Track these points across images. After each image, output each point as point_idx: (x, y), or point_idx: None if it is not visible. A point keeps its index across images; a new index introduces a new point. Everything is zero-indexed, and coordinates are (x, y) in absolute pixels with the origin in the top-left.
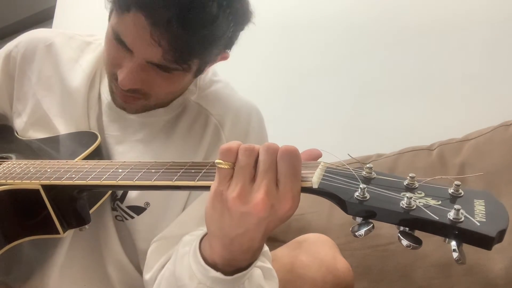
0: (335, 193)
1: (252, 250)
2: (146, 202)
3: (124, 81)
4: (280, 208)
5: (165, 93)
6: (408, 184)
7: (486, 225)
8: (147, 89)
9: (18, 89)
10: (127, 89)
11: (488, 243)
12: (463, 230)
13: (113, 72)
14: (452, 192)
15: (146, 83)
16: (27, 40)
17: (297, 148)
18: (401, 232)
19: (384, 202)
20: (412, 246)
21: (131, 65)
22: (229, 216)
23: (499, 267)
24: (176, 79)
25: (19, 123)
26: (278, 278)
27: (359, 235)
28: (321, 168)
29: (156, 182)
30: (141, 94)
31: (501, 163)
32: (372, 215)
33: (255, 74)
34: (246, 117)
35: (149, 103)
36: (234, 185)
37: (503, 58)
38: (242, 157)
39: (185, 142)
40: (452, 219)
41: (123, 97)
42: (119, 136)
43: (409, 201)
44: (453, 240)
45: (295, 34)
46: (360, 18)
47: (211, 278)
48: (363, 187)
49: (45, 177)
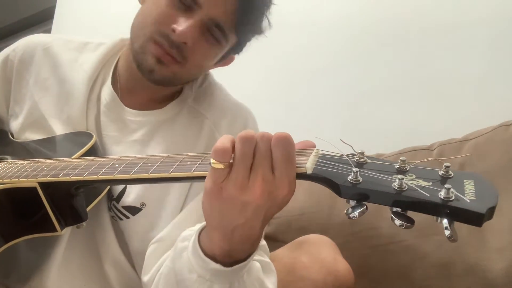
0: (329, 177)
1: (251, 239)
2: (142, 202)
3: (185, 32)
4: (278, 194)
5: (198, 65)
6: (400, 167)
7: (476, 202)
8: (191, 51)
9: (16, 92)
10: (176, 45)
11: (479, 220)
12: (454, 208)
13: (161, 29)
14: (442, 173)
15: (196, 43)
16: (25, 44)
17: (290, 134)
18: (394, 212)
19: (376, 184)
20: (405, 225)
21: (192, 19)
22: (229, 207)
23: (499, 267)
24: (216, 52)
25: (15, 125)
26: (278, 279)
27: (353, 216)
28: (314, 155)
29: (152, 175)
30: (181, 56)
31: (501, 163)
32: (366, 197)
33: (255, 74)
34: (242, 121)
35: (179, 73)
36: (235, 176)
37: (503, 58)
38: (242, 147)
39: (181, 144)
40: (443, 198)
41: (164, 55)
42: (116, 137)
43: (401, 182)
44: (444, 219)
45: (295, 34)
46: (360, 18)
47: (210, 270)
48: (356, 171)
49: (42, 175)
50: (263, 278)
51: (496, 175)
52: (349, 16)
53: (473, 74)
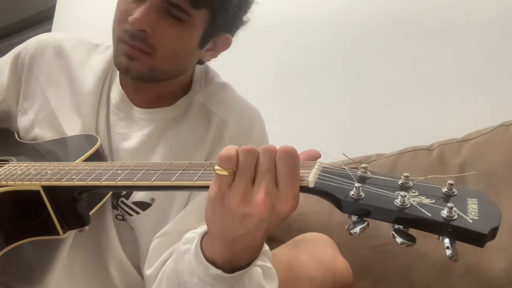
0: (330, 192)
1: (253, 249)
2: (151, 198)
3: (136, 19)
4: (281, 208)
5: (170, 50)
6: (403, 183)
7: (479, 222)
8: (155, 38)
9: (25, 87)
10: (135, 36)
11: (481, 240)
12: (456, 227)
13: (123, 27)
14: (446, 191)
15: (156, 28)
16: (37, 41)
17: (295, 148)
18: (396, 230)
19: (378, 201)
20: (406, 243)
21: (143, 7)
22: (231, 218)
23: (499, 267)
24: (184, 33)
25: (24, 121)
26: (277, 277)
27: (354, 233)
28: (317, 168)
29: (155, 183)
30: (148, 47)
31: (501, 163)
32: (367, 214)
33: (255, 74)
34: (250, 121)
35: (154, 65)
36: (236, 188)
37: (503, 58)
38: (243, 159)
39: (189, 140)
40: (446, 216)
41: (130, 50)
42: (125, 133)
43: (403, 200)
44: (446, 238)
45: (295, 34)
46: (360, 18)
47: (211, 275)
48: (358, 186)
49: (46, 179)
50: (264, 283)
51: (496, 175)
52: (349, 16)
53: (473, 74)
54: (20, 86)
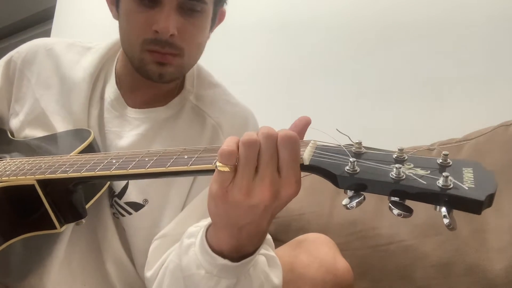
0: (326, 168)
1: (259, 235)
2: (144, 199)
3: (166, 26)
4: (285, 193)
5: (195, 45)
6: (397, 157)
7: (475, 190)
8: (181, 38)
9: (17, 90)
10: (169, 37)
11: (478, 207)
12: (453, 195)
13: (146, 37)
14: (441, 162)
15: (181, 29)
16: (28, 46)
17: (296, 134)
18: (392, 202)
19: (374, 174)
20: (403, 214)
21: (165, 13)
22: (236, 210)
23: (499, 267)
24: (203, 23)
25: (15, 122)
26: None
27: (351, 206)
28: (311, 146)
29: (150, 170)
30: (177, 49)
31: (501, 163)
32: (363, 187)
33: (255, 74)
34: (243, 121)
35: (184, 63)
36: (240, 182)
37: (503, 58)
38: (246, 152)
39: (184, 140)
40: (441, 186)
41: (162, 57)
42: (119, 132)
43: (399, 172)
44: (443, 207)
45: (295, 34)
46: (360, 18)
47: (218, 266)
48: (353, 161)
49: (40, 172)
50: (268, 271)
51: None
52: (349, 15)
53: (473, 74)
54: (12, 90)
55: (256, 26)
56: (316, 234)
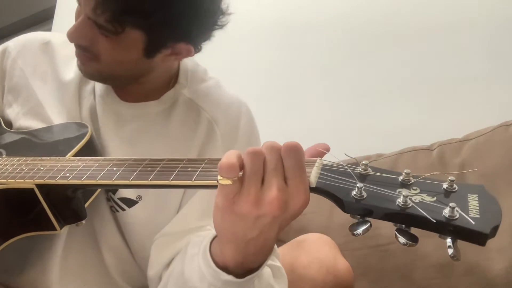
0: (332, 192)
1: (265, 250)
2: (138, 195)
3: (69, 34)
4: (294, 203)
5: (112, 60)
6: (403, 180)
7: (480, 221)
8: (93, 49)
9: (9, 80)
10: (77, 45)
11: (482, 240)
12: (458, 227)
13: None
14: (447, 187)
15: (91, 41)
16: (25, 38)
17: (299, 143)
18: (398, 229)
19: (380, 200)
20: (408, 244)
21: (78, 21)
22: (243, 222)
23: (499, 267)
24: (120, 46)
25: (10, 113)
26: (286, 276)
27: (357, 234)
28: (317, 166)
29: (153, 182)
30: (91, 54)
31: (501, 163)
32: (369, 213)
33: (255, 74)
34: (237, 112)
35: (102, 69)
36: (247, 193)
37: (503, 58)
38: (251, 162)
39: (178, 136)
40: (447, 216)
41: (78, 55)
42: (111, 127)
43: (405, 199)
44: (448, 237)
45: (295, 35)
46: (360, 18)
47: (222, 280)
48: (360, 186)
49: (39, 176)
50: (273, 283)
51: (496, 175)
52: (350, 15)
53: (473, 74)
54: (5, 80)
55: (256, 27)
56: (316, 234)
